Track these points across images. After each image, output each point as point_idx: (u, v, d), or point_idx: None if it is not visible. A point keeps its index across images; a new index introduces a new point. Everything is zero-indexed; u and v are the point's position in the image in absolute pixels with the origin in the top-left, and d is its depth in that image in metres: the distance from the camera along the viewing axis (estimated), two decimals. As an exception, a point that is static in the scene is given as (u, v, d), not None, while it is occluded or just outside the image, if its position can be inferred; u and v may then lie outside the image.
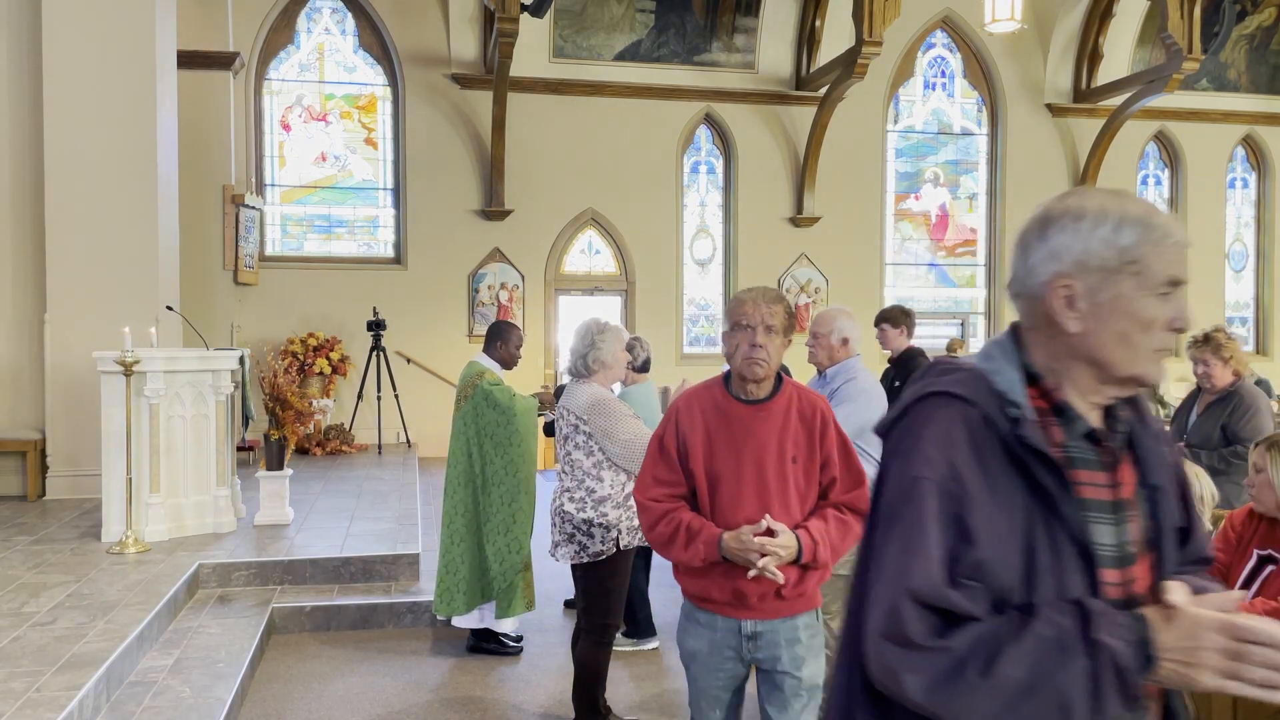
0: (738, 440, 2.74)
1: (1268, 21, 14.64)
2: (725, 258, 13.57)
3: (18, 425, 8.08)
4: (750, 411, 2.78)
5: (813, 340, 4.32)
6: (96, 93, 7.89)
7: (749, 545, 2.65)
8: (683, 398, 2.87)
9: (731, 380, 2.83)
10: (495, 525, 5.11)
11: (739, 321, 2.75)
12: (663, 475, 2.81)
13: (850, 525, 2.76)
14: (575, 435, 3.97)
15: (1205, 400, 4.78)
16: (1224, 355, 4.68)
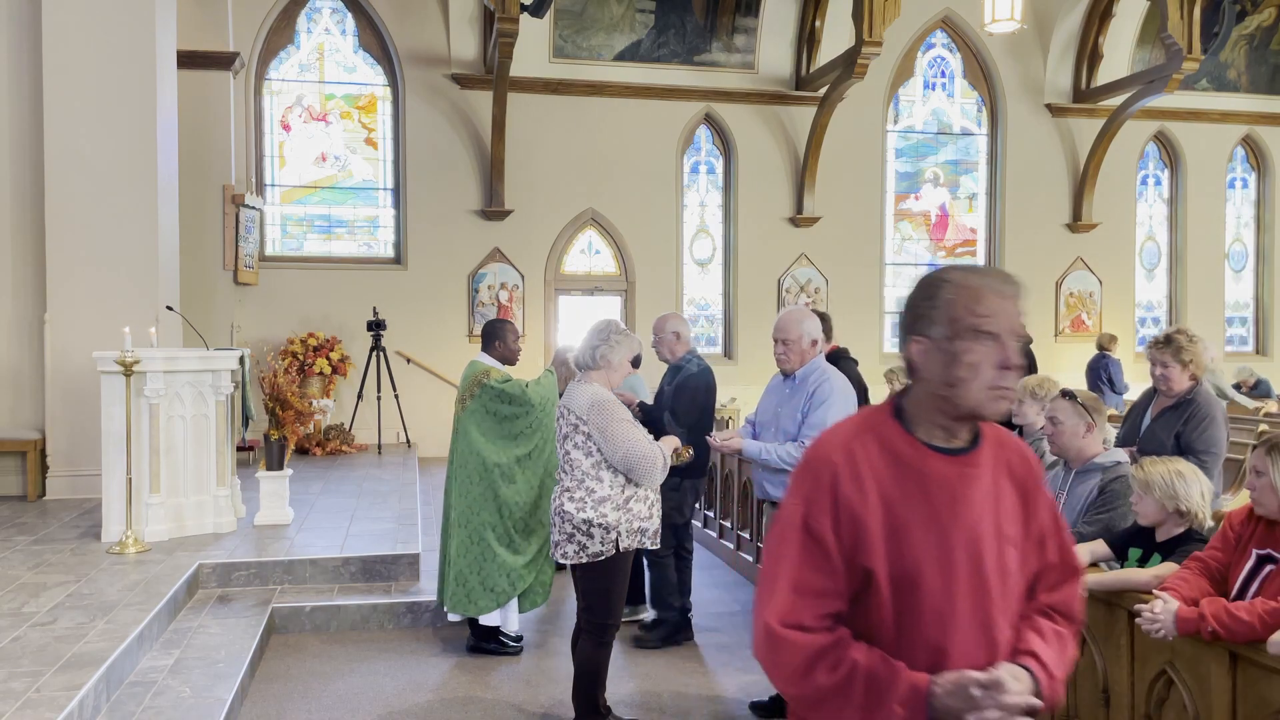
0: (941, 515, 1.72)
1: (1267, 21, 14.64)
2: (725, 258, 13.57)
3: (18, 425, 8.08)
4: (955, 469, 1.75)
5: (782, 347, 4.36)
6: (96, 93, 7.89)
7: (980, 705, 1.62)
8: (830, 447, 1.78)
9: (916, 416, 1.78)
10: (524, 514, 5.12)
11: (978, 326, 1.70)
12: (813, 583, 1.71)
13: (1067, 644, 1.85)
14: (574, 435, 3.98)
15: (1161, 404, 4.65)
16: (1184, 359, 4.51)
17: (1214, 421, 4.46)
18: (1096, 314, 14.52)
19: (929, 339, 1.74)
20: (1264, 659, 2.67)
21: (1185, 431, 4.46)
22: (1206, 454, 4.41)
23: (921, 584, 1.70)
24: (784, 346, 4.36)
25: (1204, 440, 4.41)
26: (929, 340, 1.74)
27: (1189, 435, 4.44)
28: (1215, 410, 4.51)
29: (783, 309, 4.96)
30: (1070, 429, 3.82)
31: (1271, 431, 8.03)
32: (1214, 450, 4.41)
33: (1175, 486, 3.28)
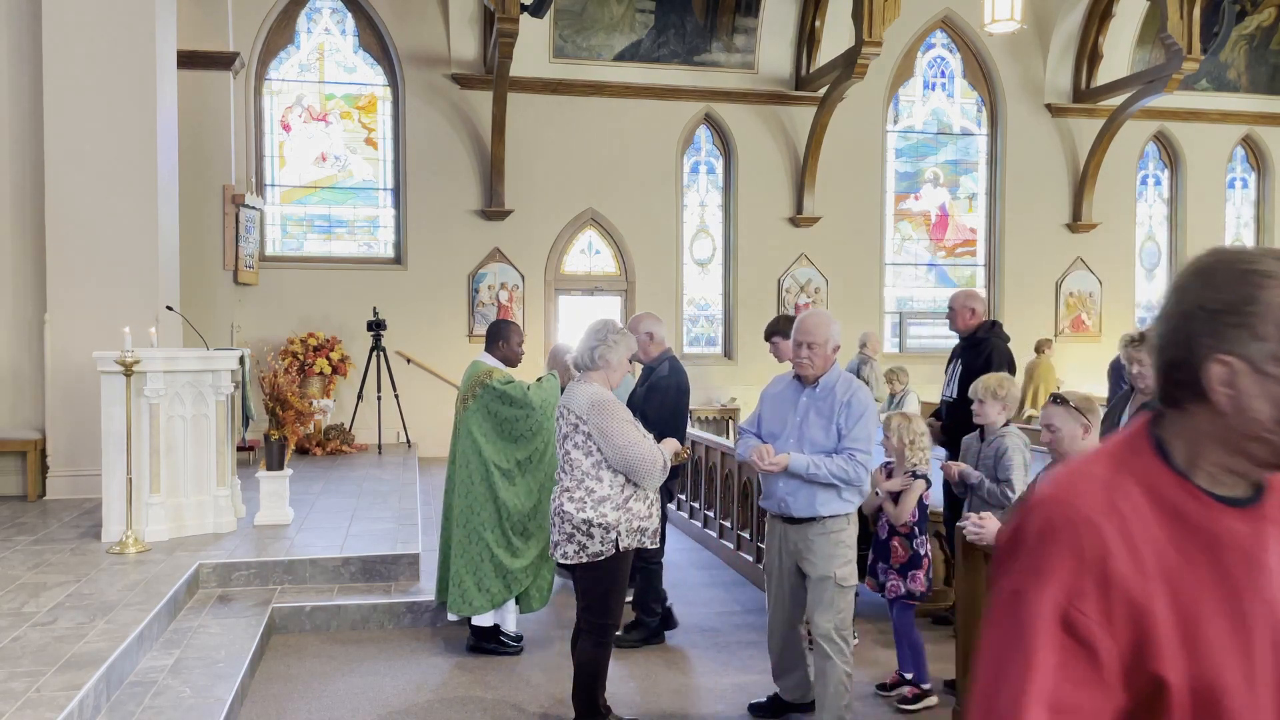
0: (1240, 593, 1.26)
1: (1267, 21, 14.64)
2: (725, 258, 13.57)
3: (18, 425, 8.08)
4: (1249, 525, 1.29)
5: (807, 351, 4.04)
6: (96, 93, 7.89)
7: None
8: (1085, 502, 1.27)
9: (1193, 457, 1.29)
10: (523, 518, 5.11)
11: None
12: (1077, 702, 1.20)
13: None
14: (574, 434, 3.97)
15: (1138, 401, 4.64)
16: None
17: None
18: (1096, 314, 14.52)
19: (1247, 359, 1.22)
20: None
21: None
22: None
23: (1226, 693, 1.22)
24: (809, 351, 4.04)
25: None
26: (1247, 362, 1.22)
27: None
28: None
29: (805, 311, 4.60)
30: (1068, 434, 3.82)
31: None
32: None
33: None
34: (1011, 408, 4.64)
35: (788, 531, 4.13)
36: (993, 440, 4.58)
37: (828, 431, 4.01)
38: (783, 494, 4.08)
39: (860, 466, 3.95)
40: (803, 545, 4.08)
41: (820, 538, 4.03)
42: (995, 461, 4.51)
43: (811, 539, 4.05)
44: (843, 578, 4.03)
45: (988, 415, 4.60)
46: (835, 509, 4.02)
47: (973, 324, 5.89)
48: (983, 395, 4.60)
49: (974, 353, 5.80)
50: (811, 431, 4.03)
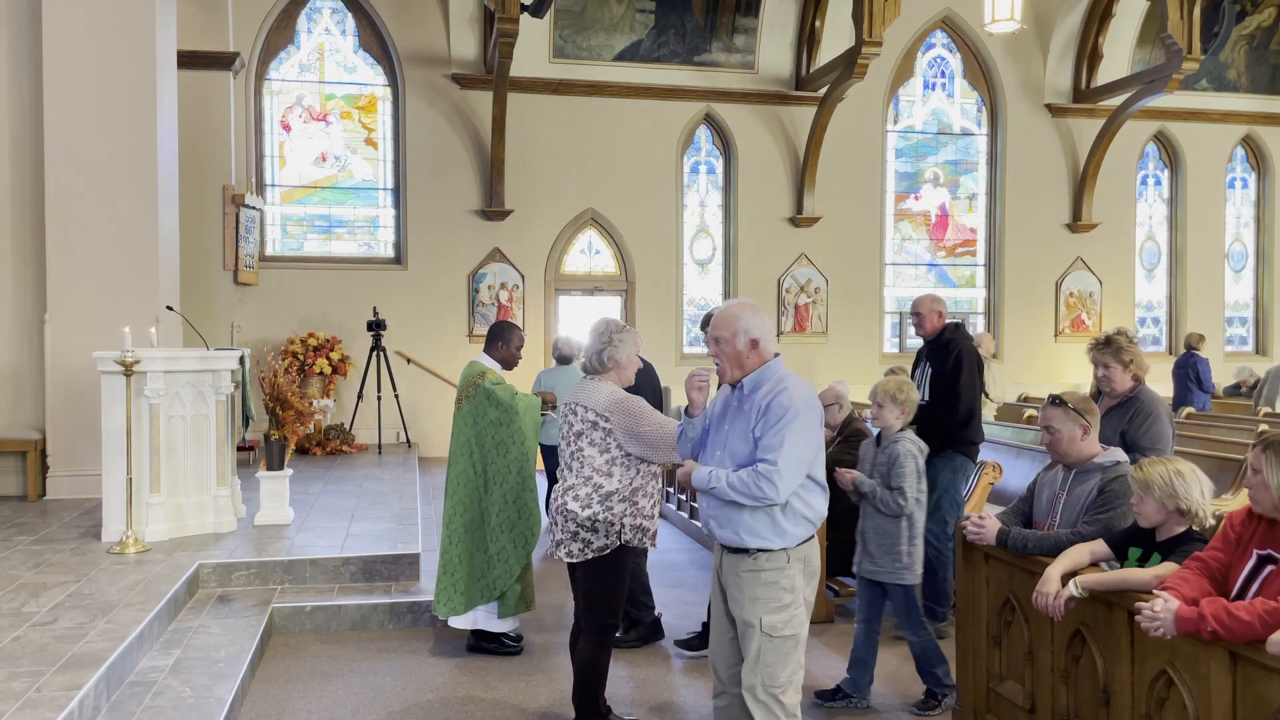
0: None
1: (1267, 21, 14.64)
2: (725, 258, 13.57)
3: (18, 425, 8.08)
4: None
5: (715, 347, 3.41)
6: (96, 93, 7.89)
7: None
8: None
9: None
10: (498, 524, 5.10)
11: None
12: None
13: None
14: (591, 432, 3.96)
15: (1105, 405, 4.63)
16: (1124, 359, 4.53)
17: (1158, 418, 4.47)
18: (1096, 314, 14.52)
19: None
20: (1264, 659, 2.67)
21: (1130, 429, 4.46)
22: (1152, 450, 4.41)
23: None
24: (716, 347, 3.41)
25: (1149, 437, 4.41)
26: None
27: (1134, 433, 4.45)
28: (1159, 408, 4.52)
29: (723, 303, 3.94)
30: (1067, 435, 3.81)
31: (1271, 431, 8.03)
32: (1159, 446, 4.41)
33: (1175, 486, 3.28)
34: (909, 412, 4.58)
35: (722, 560, 3.44)
36: (887, 446, 4.52)
37: (746, 439, 3.29)
38: (706, 514, 3.42)
39: (765, 480, 3.17)
40: (729, 579, 3.38)
41: (748, 575, 3.31)
42: (889, 468, 4.46)
43: (739, 574, 3.33)
44: (771, 626, 3.27)
45: (885, 419, 4.54)
46: (766, 541, 3.27)
47: (939, 326, 5.92)
48: (881, 399, 4.53)
49: (943, 354, 5.82)
50: (732, 441, 3.34)
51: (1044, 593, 3.41)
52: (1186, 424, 9.61)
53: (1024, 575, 3.73)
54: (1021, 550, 3.73)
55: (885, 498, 4.43)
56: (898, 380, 4.64)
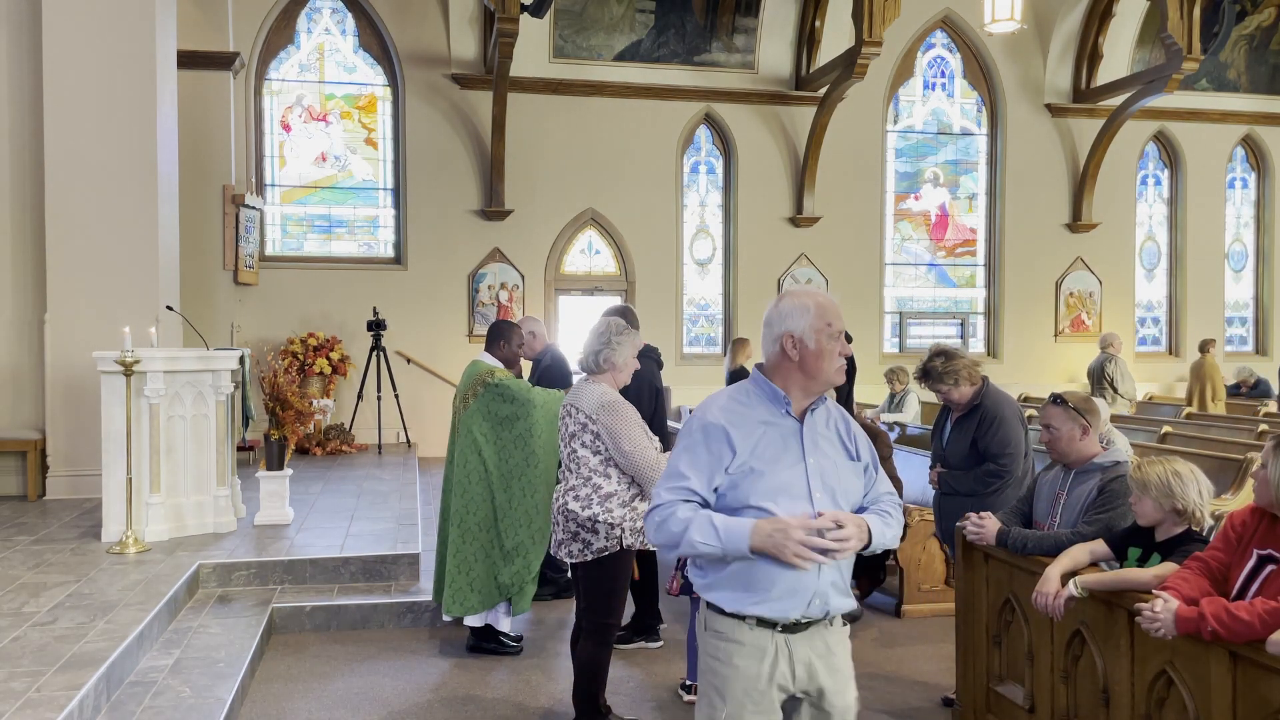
0: None
1: (1267, 21, 14.64)
2: (725, 258, 13.57)
3: (18, 425, 8.08)
4: None
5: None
6: (96, 93, 7.89)
7: None
8: None
9: None
10: (516, 519, 5.08)
11: None
12: None
13: None
14: (582, 433, 3.97)
15: (955, 415, 4.63)
16: (949, 381, 4.47)
17: (1004, 422, 4.43)
18: (1096, 314, 14.52)
19: None
20: (1264, 659, 2.67)
21: (979, 438, 4.44)
22: (1002, 456, 4.39)
23: None
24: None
25: (997, 443, 4.39)
26: None
27: (983, 441, 4.43)
28: (1005, 410, 4.47)
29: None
30: (1066, 435, 3.81)
31: (1272, 430, 8.03)
32: (1009, 451, 4.39)
33: (1172, 485, 3.28)
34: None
35: (792, 646, 2.47)
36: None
37: (857, 473, 2.56)
38: (828, 583, 2.46)
39: (900, 511, 2.61)
40: (821, 659, 2.50)
41: (847, 642, 2.59)
42: None
43: (836, 650, 2.53)
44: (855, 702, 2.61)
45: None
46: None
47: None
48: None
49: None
50: (843, 478, 2.51)
51: (1044, 593, 3.41)
52: (1186, 424, 9.61)
53: (1024, 575, 3.73)
54: (1021, 550, 3.74)
55: None
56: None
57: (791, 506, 2.39)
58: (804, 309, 2.45)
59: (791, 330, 2.46)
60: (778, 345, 2.48)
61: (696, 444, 2.45)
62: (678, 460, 2.47)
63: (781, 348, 2.47)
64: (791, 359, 2.46)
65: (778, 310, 2.50)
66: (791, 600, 2.43)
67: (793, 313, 2.46)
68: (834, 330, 2.46)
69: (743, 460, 2.41)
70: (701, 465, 2.43)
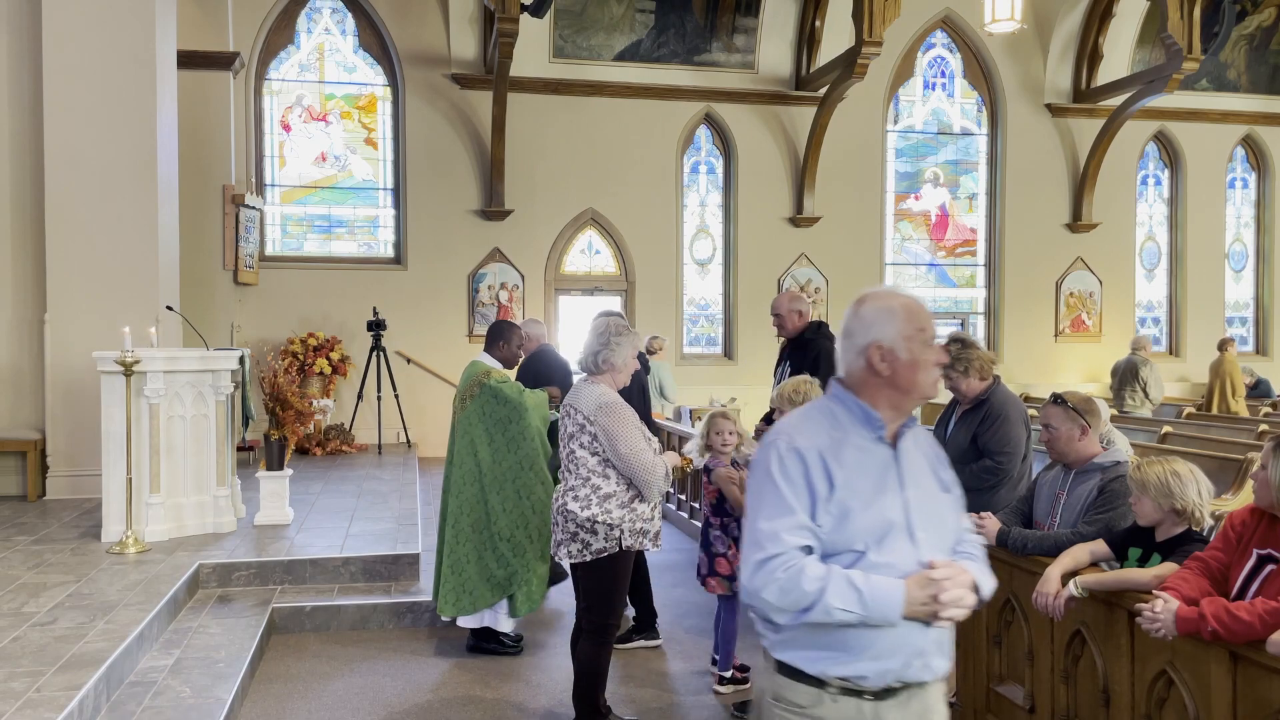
0: None
1: (1267, 21, 14.64)
2: (725, 258, 13.57)
3: (18, 425, 8.08)
4: None
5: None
6: (96, 93, 7.89)
7: None
8: None
9: None
10: (512, 521, 5.08)
11: None
12: None
13: None
14: (580, 434, 3.97)
15: (961, 409, 4.61)
16: (959, 369, 4.45)
17: (1007, 420, 4.41)
18: (1096, 314, 14.52)
19: None
20: (1264, 659, 2.67)
21: (980, 433, 4.43)
22: (1000, 454, 4.38)
23: None
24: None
25: (997, 440, 4.37)
26: None
27: (983, 437, 4.42)
28: (1010, 409, 4.46)
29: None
30: (1065, 434, 3.81)
31: (1272, 431, 8.03)
32: (1008, 450, 4.37)
33: (1171, 485, 3.28)
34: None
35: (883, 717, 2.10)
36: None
37: (951, 507, 2.24)
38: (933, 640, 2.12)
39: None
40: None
41: (945, 707, 2.26)
42: None
43: (934, 706, 2.19)
44: None
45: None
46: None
47: (800, 326, 5.90)
48: (780, 405, 4.44)
49: (802, 354, 5.79)
50: (942, 514, 2.19)
51: (1044, 593, 3.41)
52: (1186, 424, 9.61)
53: (1024, 575, 3.73)
54: (1021, 550, 3.73)
55: None
56: (794, 383, 4.53)
57: (896, 551, 2.05)
58: (890, 313, 2.13)
59: (879, 340, 2.11)
60: (863, 359, 2.13)
61: (793, 475, 2.07)
62: (779, 494, 2.06)
63: (868, 361, 2.13)
64: (880, 374, 2.12)
65: (859, 317, 2.16)
66: (890, 660, 2.04)
67: (878, 319, 2.13)
68: (927, 336, 2.14)
69: (840, 496, 2.06)
70: (804, 501, 2.06)
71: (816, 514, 2.04)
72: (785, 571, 1.98)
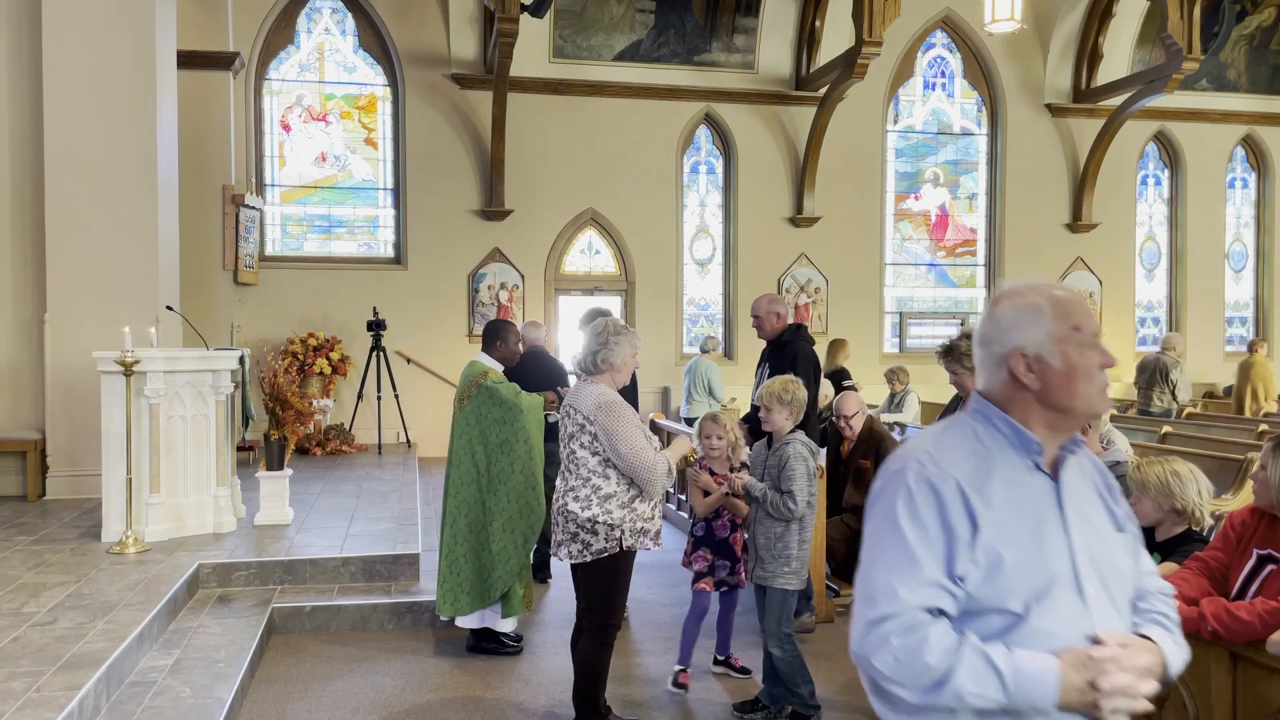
0: None
1: (1267, 21, 14.64)
2: (725, 258, 13.57)
3: (18, 425, 8.08)
4: None
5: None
6: (96, 93, 7.89)
7: None
8: None
9: None
10: (502, 523, 5.09)
11: None
12: None
13: None
14: (581, 434, 3.96)
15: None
16: (968, 365, 4.41)
17: None
18: (1096, 314, 14.52)
19: None
20: (1264, 659, 2.67)
21: None
22: None
23: None
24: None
25: None
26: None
27: None
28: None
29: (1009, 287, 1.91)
30: None
31: (1272, 431, 8.03)
32: None
33: (1170, 486, 3.28)
34: (798, 412, 4.42)
35: None
36: (778, 448, 4.40)
37: (1127, 549, 1.80)
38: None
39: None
40: None
41: None
42: (779, 471, 4.34)
43: None
44: None
45: (775, 422, 4.40)
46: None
47: (779, 328, 5.88)
48: (769, 402, 4.41)
49: (780, 356, 5.78)
50: (1115, 560, 1.75)
51: (1044, 593, 3.39)
52: (1186, 424, 9.61)
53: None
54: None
55: (776, 501, 4.30)
56: (782, 381, 4.49)
57: (1059, 614, 1.62)
58: (1035, 311, 1.71)
59: (1023, 346, 1.70)
60: (1004, 369, 1.72)
61: (923, 514, 1.64)
62: (901, 539, 1.64)
63: (1010, 373, 1.71)
64: (1028, 387, 1.70)
65: (996, 320, 1.75)
66: None
67: (1019, 320, 1.72)
68: (1086, 334, 1.70)
69: (987, 540, 1.62)
70: (937, 548, 1.62)
71: (955, 563, 1.61)
72: (902, 638, 1.57)
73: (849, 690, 4.77)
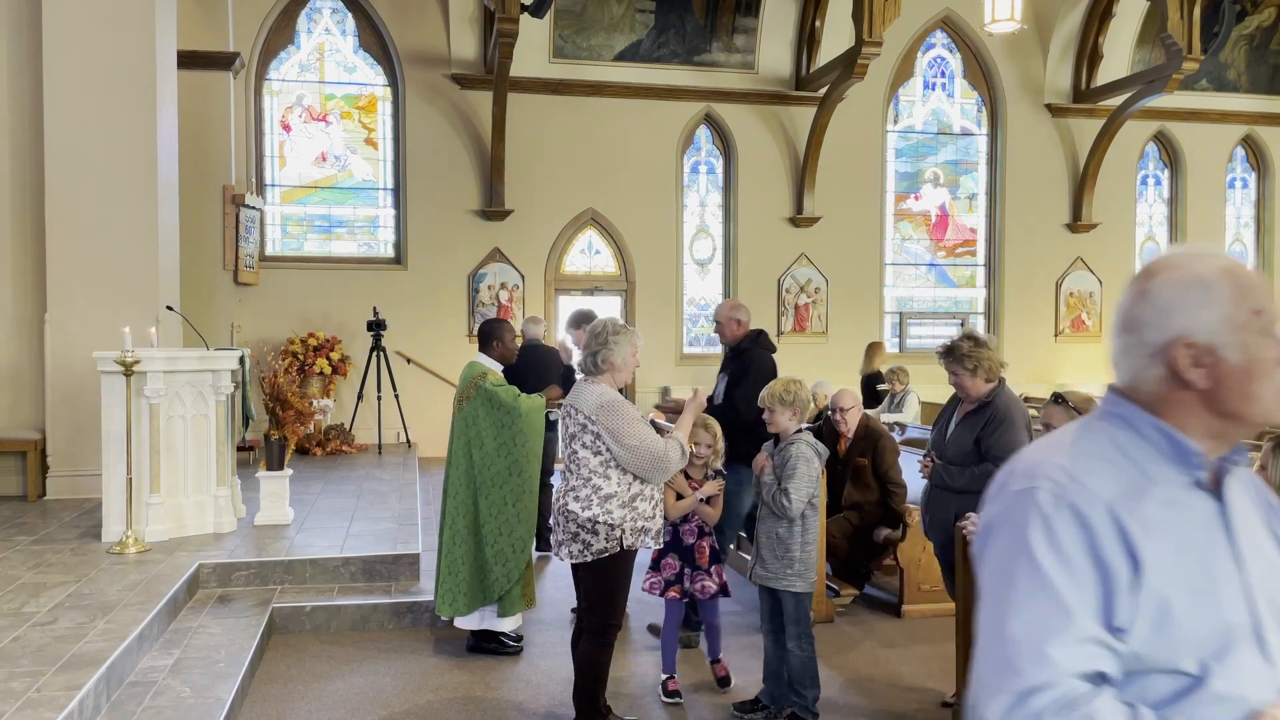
0: None
1: (1267, 21, 14.64)
2: (725, 258, 13.57)
3: (18, 425, 8.08)
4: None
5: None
6: (96, 93, 7.89)
7: None
8: None
9: None
10: (497, 526, 5.09)
11: None
12: None
13: None
14: (582, 434, 3.97)
15: (964, 409, 4.58)
16: (969, 365, 4.43)
17: (1011, 425, 4.39)
18: (1096, 314, 14.52)
19: None
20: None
21: (983, 436, 4.42)
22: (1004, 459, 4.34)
23: None
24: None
25: (1000, 445, 4.34)
26: None
27: (986, 440, 4.40)
28: (1014, 414, 4.43)
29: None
30: None
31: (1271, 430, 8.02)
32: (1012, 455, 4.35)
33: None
34: (802, 412, 4.41)
35: None
36: (783, 448, 4.41)
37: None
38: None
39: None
40: None
41: None
42: (782, 470, 4.34)
43: None
44: None
45: (779, 423, 4.40)
46: None
47: (739, 334, 5.87)
48: (771, 404, 4.41)
49: (738, 363, 5.77)
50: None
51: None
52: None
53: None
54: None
55: (776, 497, 4.32)
56: (783, 382, 4.49)
57: (1241, 672, 1.28)
58: (1205, 290, 1.34)
59: (1189, 334, 1.34)
60: (1160, 362, 1.36)
61: (1068, 548, 1.28)
62: (1043, 580, 1.27)
63: (1171, 368, 1.36)
64: (1193, 385, 1.35)
65: (1150, 300, 1.38)
66: None
67: (1185, 300, 1.35)
68: (1266, 320, 1.35)
69: (1152, 581, 1.28)
70: (1089, 592, 1.27)
71: (1114, 611, 1.26)
72: (1060, 718, 1.21)
73: (849, 691, 4.77)
